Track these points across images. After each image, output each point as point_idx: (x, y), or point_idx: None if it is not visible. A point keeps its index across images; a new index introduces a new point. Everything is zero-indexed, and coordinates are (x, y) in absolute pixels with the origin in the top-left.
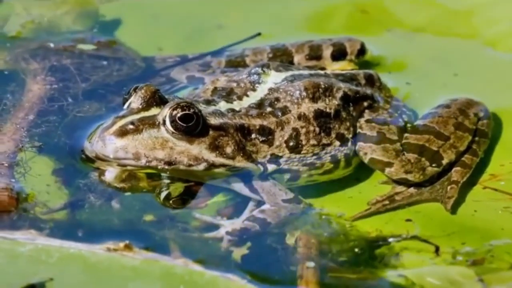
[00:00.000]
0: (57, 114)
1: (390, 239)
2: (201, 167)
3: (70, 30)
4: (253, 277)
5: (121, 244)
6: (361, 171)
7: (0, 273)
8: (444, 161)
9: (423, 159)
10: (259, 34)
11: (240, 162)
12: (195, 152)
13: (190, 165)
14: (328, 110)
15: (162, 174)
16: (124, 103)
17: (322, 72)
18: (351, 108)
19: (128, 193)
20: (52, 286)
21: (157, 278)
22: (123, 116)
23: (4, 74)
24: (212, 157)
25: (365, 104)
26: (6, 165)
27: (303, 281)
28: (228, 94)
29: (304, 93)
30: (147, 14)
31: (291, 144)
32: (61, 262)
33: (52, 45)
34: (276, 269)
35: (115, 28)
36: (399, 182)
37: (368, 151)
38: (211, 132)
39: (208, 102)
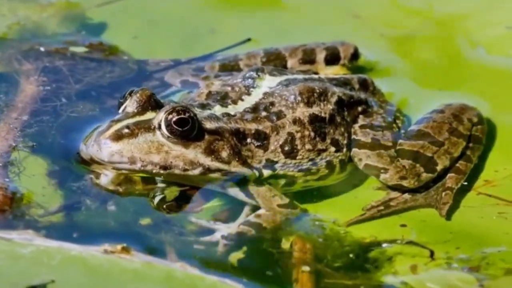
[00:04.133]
0: (51, 115)
1: (386, 245)
2: (197, 171)
3: (59, 33)
4: (248, 281)
5: (119, 247)
6: (356, 177)
7: (1, 274)
8: (439, 167)
9: (417, 165)
10: (249, 39)
11: (236, 167)
12: (190, 157)
13: (185, 170)
14: (323, 114)
15: (158, 177)
16: (119, 107)
17: (316, 76)
18: (346, 113)
19: (123, 196)
20: None
21: (158, 282)
22: (119, 120)
23: None
24: (208, 161)
25: (360, 109)
26: (0, 164)
27: (298, 285)
28: (223, 98)
29: (299, 98)
30: (138, 19)
31: (286, 149)
32: (63, 265)
33: (42, 48)
34: (272, 273)
35: (102, 32)
36: (394, 188)
37: (363, 157)
38: (206, 137)
39: (203, 106)
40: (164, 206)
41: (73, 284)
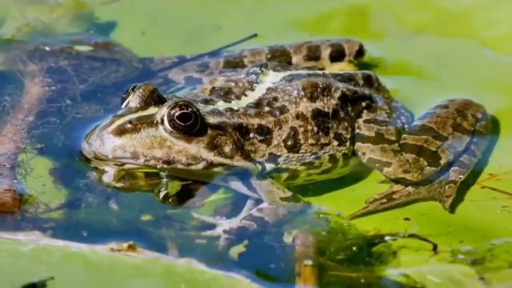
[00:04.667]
0: (56, 115)
1: (389, 238)
2: (200, 166)
3: (69, 33)
4: (250, 275)
5: (125, 245)
6: (359, 170)
7: (2, 271)
8: (442, 161)
9: (421, 159)
10: (255, 35)
11: (239, 161)
12: (193, 151)
13: (188, 164)
14: (326, 109)
15: (160, 172)
16: (122, 102)
17: (320, 72)
18: (349, 108)
19: (126, 192)
20: (53, 285)
21: (158, 277)
22: (122, 115)
23: (2, 76)
24: (211, 156)
25: (363, 104)
26: (8, 166)
27: (301, 279)
28: (226, 94)
29: (302, 93)
30: (144, 16)
31: (289, 143)
32: (63, 261)
33: (47, 48)
34: (274, 267)
35: (111, 31)
36: (397, 181)
37: (367, 151)
38: (209, 131)
39: (206, 102)
40: (166, 201)
41: (73, 281)
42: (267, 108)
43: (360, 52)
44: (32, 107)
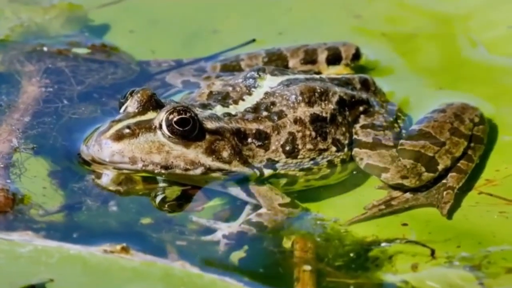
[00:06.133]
0: (52, 116)
1: (386, 244)
2: (198, 171)
3: (62, 34)
4: (250, 280)
5: (118, 247)
6: (357, 176)
7: (0, 273)
8: (440, 167)
9: (419, 164)
10: (253, 40)
11: (237, 167)
12: (191, 157)
13: (186, 169)
14: (324, 114)
15: (159, 177)
16: (120, 107)
17: (317, 76)
18: (347, 113)
19: (124, 196)
20: (52, 287)
21: (157, 280)
22: (120, 120)
23: None
24: (209, 161)
25: (361, 108)
26: (2, 166)
27: (300, 284)
28: (224, 98)
29: (300, 97)
30: (143, 19)
31: (287, 148)
32: (61, 263)
33: (45, 49)
34: (273, 273)
35: (105, 33)
36: (395, 187)
37: (364, 157)
38: (207, 136)
39: (204, 106)
40: (165, 206)
41: (72, 283)
42: (265, 113)
43: (357, 55)
44: (28, 107)
